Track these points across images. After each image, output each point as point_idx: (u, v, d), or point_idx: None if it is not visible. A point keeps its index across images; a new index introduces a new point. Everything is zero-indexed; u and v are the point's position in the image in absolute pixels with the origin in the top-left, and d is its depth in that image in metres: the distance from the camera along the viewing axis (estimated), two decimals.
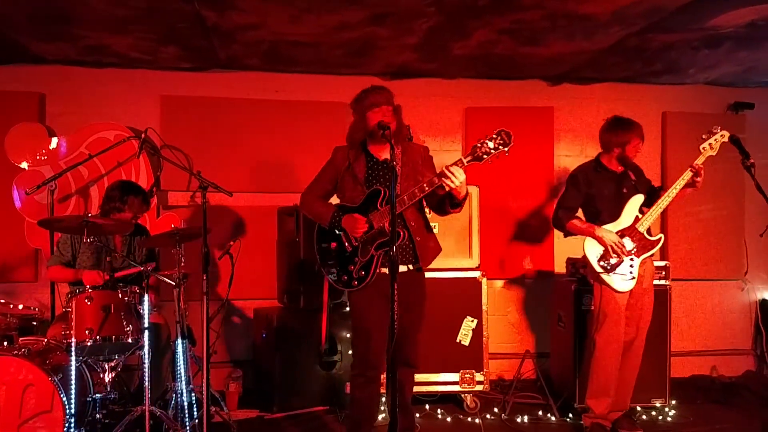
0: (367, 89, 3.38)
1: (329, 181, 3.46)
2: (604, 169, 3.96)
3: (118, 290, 3.44)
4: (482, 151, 3.10)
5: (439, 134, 5.34)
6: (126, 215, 3.89)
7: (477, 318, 4.39)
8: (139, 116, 4.87)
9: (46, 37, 4.32)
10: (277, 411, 4.29)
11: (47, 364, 3.30)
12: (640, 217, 3.84)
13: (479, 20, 4.02)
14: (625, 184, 3.92)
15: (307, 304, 4.38)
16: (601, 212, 3.91)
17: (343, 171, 3.39)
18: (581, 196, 3.97)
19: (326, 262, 3.39)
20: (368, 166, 3.37)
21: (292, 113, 5.09)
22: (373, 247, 3.27)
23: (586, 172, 4.00)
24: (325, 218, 3.36)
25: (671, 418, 4.30)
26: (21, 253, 4.76)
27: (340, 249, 3.34)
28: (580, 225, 3.91)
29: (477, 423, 4.17)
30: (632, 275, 3.79)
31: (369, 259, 3.28)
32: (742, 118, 5.51)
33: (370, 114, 3.30)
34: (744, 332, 5.56)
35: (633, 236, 3.82)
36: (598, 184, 3.94)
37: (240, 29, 4.14)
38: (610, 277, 3.79)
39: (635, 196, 3.88)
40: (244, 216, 5.03)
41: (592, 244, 3.85)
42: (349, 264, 3.31)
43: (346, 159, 3.40)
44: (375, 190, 3.30)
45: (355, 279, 3.29)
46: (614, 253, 3.76)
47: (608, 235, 3.79)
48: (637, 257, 3.81)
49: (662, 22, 4.02)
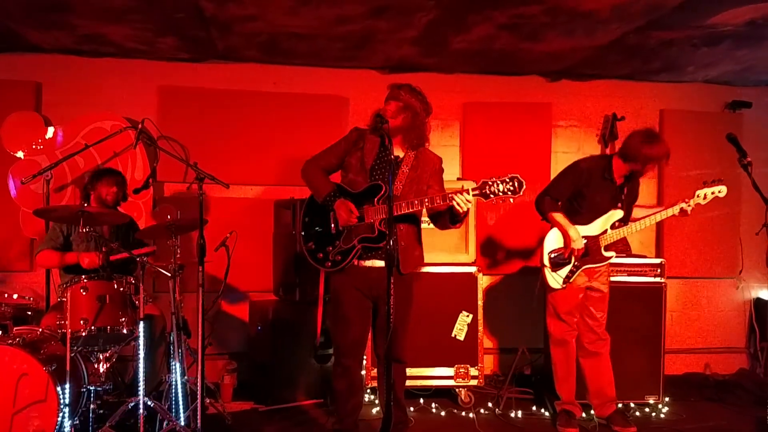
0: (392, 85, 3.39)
1: (338, 156, 3.46)
2: (610, 178, 3.88)
3: (114, 281, 3.44)
4: (490, 191, 3.07)
5: (436, 129, 5.33)
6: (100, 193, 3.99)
7: (472, 313, 4.40)
8: (136, 106, 4.84)
9: (42, 26, 4.29)
10: (272, 403, 4.29)
11: (42, 353, 3.29)
12: (608, 232, 3.86)
13: (479, 15, 4.00)
14: (618, 199, 3.90)
15: (302, 297, 4.39)
16: (581, 214, 3.90)
17: (353, 152, 3.40)
18: (574, 190, 3.91)
19: (308, 233, 3.44)
20: (378, 156, 3.37)
21: (290, 106, 5.08)
22: (357, 239, 3.29)
23: (592, 173, 3.88)
24: (321, 193, 3.39)
25: (664, 415, 4.31)
26: (16, 242, 4.75)
27: (325, 226, 3.38)
28: (560, 221, 3.87)
29: (471, 417, 4.19)
30: (568, 280, 3.88)
31: (349, 248, 3.31)
32: (740, 116, 5.51)
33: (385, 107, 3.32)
34: (738, 330, 5.59)
35: (592, 246, 3.85)
36: (595, 189, 3.87)
37: (238, 20, 4.12)
38: (549, 272, 3.90)
39: (615, 211, 3.87)
40: (241, 208, 5.01)
41: (555, 237, 3.91)
42: (328, 244, 3.35)
43: (362, 141, 3.40)
44: (377, 184, 3.30)
45: (330, 261, 3.34)
46: (567, 252, 3.84)
47: (578, 243, 3.82)
48: (582, 265, 3.86)
49: (662, 19, 4.02)
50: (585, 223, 3.88)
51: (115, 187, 4.05)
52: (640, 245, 5.41)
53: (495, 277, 5.30)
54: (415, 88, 3.35)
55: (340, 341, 3.45)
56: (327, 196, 3.36)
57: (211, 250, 4.41)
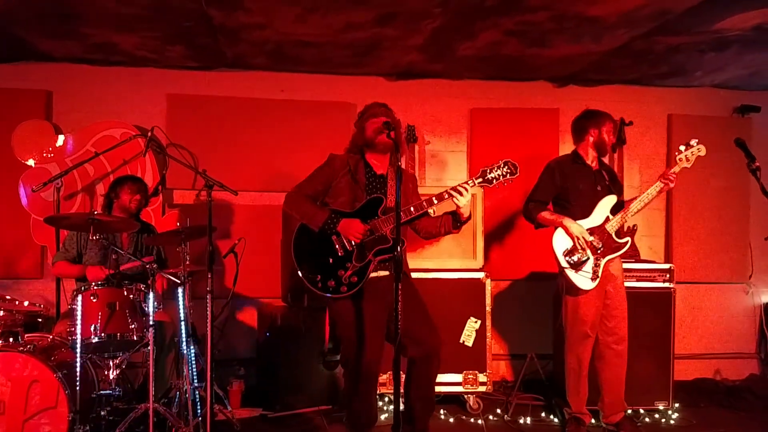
0: (367, 105, 3.46)
1: (322, 183, 3.41)
2: (582, 163, 3.94)
3: (123, 288, 3.46)
4: (492, 176, 3.24)
5: (444, 134, 5.35)
6: (123, 201, 3.98)
7: (480, 319, 4.39)
8: (146, 114, 4.89)
9: (53, 35, 4.34)
10: (280, 410, 4.29)
11: (52, 360, 3.32)
12: (611, 218, 3.85)
13: (486, 21, 4.02)
14: (599, 182, 3.93)
15: (311, 303, 4.39)
16: (573, 207, 3.90)
17: (340, 176, 3.38)
18: (555, 188, 3.94)
19: (308, 265, 3.30)
20: (367, 177, 3.39)
21: (297, 113, 5.10)
22: (372, 253, 3.26)
23: (562, 165, 3.98)
24: (317, 219, 3.29)
25: (674, 421, 4.29)
26: (27, 249, 4.78)
27: (329, 253, 3.29)
28: (550, 216, 3.89)
29: (480, 424, 4.17)
30: (596, 275, 3.80)
31: (365, 264, 3.26)
32: (749, 121, 5.49)
33: (368, 124, 3.37)
34: (748, 336, 5.55)
35: (601, 236, 3.82)
36: (573, 178, 3.92)
37: (246, 28, 4.15)
38: (574, 274, 3.81)
39: (608, 197, 3.89)
40: (250, 215, 5.03)
41: (560, 237, 3.86)
42: (338, 269, 3.27)
43: (346, 165, 3.39)
44: (376, 197, 3.31)
45: (345, 285, 3.25)
46: (580, 247, 3.78)
47: (576, 227, 3.79)
48: (602, 257, 3.82)
49: (669, 24, 4.02)
50: (582, 216, 3.86)
51: (138, 194, 4.05)
52: (649, 251, 5.39)
53: (503, 282, 5.29)
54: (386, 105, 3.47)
55: (358, 365, 3.26)
56: (326, 220, 3.27)
57: (220, 256, 4.45)
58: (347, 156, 3.44)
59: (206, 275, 3.38)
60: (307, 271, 3.30)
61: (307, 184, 3.44)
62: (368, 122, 3.37)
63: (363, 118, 3.43)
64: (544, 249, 4.04)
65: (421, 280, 3.63)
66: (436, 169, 5.31)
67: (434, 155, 5.30)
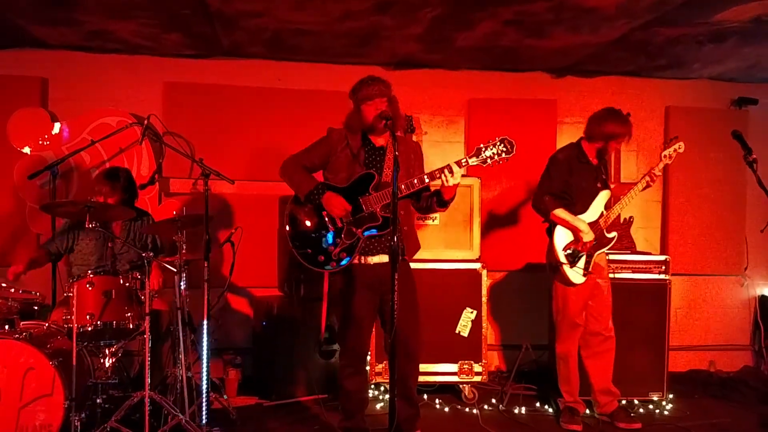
0: (362, 80, 3.38)
1: (320, 156, 3.42)
2: (586, 161, 3.95)
3: (119, 276, 3.46)
4: (486, 155, 3.15)
5: (442, 125, 5.34)
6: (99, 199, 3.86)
7: (476, 309, 4.40)
8: (142, 103, 4.86)
9: (49, 21, 4.31)
10: (276, 398, 4.31)
11: (48, 348, 3.31)
12: (605, 214, 3.88)
13: (484, 11, 4.00)
14: (599, 178, 3.95)
15: (307, 293, 4.40)
16: (575, 203, 3.91)
17: (338, 150, 3.37)
18: (562, 182, 3.93)
19: (300, 238, 3.35)
20: (366, 151, 3.37)
21: (295, 102, 5.08)
22: (361, 230, 3.27)
23: (569, 159, 3.95)
24: (303, 189, 3.31)
25: (668, 412, 4.32)
26: (22, 237, 4.77)
27: (320, 227, 3.32)
28: (566, 216, 3.84)
29: (474, 413, 4.19)
30: (587, 270, 3.85)
31: (354, 242, 3.27)
32: (746, 113, 5.50)
33: (363, 107, 3.33)
34: (743, 328, 5.58)
35: (595, 231, 3.86)
36: (578, 174, 3.92)
37: (243, 16, 4.12)
38: (569, 269, 3.85)
39: (604, 192, 3.92)
40: (246, 204, 5.02)
41: (561, 233, 3.88)
42: (329, 244, 3.30)
43: (344, 139, 3.38)
44: (368, 174, 3.29)
45: (334, 260, 3.28)
46: (581, 249, 3.83)
47: (589, 235, 3.81)
48: (593, 252, 3.87)
49: (667, 15, 4.01)
50: (582, 211, 3.89)
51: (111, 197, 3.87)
52: (645, 242, 5.41)
53: (499, 273, 5.30)
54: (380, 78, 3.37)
55: (354, 344, 3.39)
56: (311, 192, 3.29)
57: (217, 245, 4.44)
58: (346, 131, 3.40)
59: (202, 264, 3.37)
60: (299, 244, 3.34)
61: (305, 154, 3.46)
62: (364, 105, 3.31)
63: (358, 98, 3.35)
64: (540, 240, 4.06)
65: (417, 271, 3.63)
66: (434, 159, 5.29)
67: (432, 145, 5.28)
